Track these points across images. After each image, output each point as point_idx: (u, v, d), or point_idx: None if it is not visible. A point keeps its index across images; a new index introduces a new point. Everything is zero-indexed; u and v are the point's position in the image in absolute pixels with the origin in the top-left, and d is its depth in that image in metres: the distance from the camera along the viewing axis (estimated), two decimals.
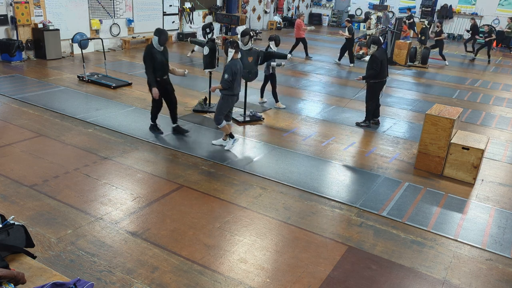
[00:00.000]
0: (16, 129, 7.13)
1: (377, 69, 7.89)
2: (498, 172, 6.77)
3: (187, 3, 17.20)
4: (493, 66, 16.53)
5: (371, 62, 7.98)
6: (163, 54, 6.83)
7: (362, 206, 5.43)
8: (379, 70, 7.92)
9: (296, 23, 14.79)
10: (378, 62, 7.86)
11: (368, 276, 4.15)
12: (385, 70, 8.13)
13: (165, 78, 6.98)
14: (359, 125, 8.37)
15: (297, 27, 14.70)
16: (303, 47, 15.13)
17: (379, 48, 8.00)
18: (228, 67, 6.42)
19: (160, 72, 6.83)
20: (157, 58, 6.70)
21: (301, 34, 14.74)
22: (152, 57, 6.68)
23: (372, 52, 8.00)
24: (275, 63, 9.06)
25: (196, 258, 4.22)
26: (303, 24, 14.76)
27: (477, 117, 9.66)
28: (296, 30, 14.78)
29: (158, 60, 6.72)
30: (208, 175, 5.99)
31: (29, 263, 3.05)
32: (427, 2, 23.29)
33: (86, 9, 13.31)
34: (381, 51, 8.05)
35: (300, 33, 14.73)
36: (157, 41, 6.69)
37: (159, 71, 6.81)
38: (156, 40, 6.69)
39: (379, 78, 8.07)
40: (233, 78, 6.44)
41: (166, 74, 6.97)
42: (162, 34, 6.71)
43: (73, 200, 5.08)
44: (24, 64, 11.54)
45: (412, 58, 15.18)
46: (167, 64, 6.98)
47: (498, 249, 4.72)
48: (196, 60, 13.57)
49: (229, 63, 6.48)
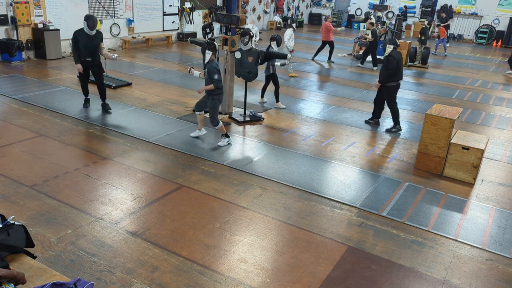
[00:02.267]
0: (16, 129, 7.13)
1: (392, 70, 7.80)
2: (498, 172, 6.77)
3: (187, 3, 17.21)
4: (493, 66, 16.53)
5: (387, 62, 7.88)
6: (91, 39, 7.57)
7: (362, 206, 5.43)
8: (395, 71, 7.84)
9: (324, 25, 14.46)
10: (394, 62, 7.78)
11: (368, 276, 4.15)
12: (401, 71, 8.02)
13: (88, 60, 7.68)
14: (390, 131, 8.21)
15: (326, 29, 14.34)
16: (329, 50, 14.71)
17: (395, 48, 7.95)
18: (213, 68, 6.57)
19: (83, 53, 7.64)
20: (81, 41, 7.53)
21: (329, 37, 14.43)
22: (76, 40, 7.58)
23: (388, 52, 7.92)
24: (279, 63, 9.06)
25: (196, 258, 4.22)
26: (332, 27, 14.46)
27: (477, 117, 9.66)
28: (325, 33, 14.41)
29: (83, 43, 7.53)
30: (208, 175, 5.99)
31: (29, 263, 3.05)
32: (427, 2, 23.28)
33: (86, 9, 13.31)
34: (397, 52, 7.97)
35: (328, 36, 14.40)
36: (86, 25, 7.48)
37: (82, 52, 7.63)
38: (85, 24, 7.48)
39: (396, 80, 7.98)
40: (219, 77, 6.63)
41: (90, 56, 7.67)
42: (89, 20, 7.48)
43: (73, 200, 5.08)
44: (24, 64, 11.54)
45: (412, 58, 15.18)
46: (94, 48, 7.66)
47: (498, 249, 4.72)
48: (196, 60, 13.57)
49: (211, 64, 6.60)
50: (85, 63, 7.70)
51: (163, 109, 8.61)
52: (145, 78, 10.82)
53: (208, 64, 6.63)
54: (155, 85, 10.37)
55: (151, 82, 10.65)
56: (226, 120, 8.30)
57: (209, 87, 6.65)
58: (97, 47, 7.69)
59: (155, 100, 9.17)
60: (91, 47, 7.60)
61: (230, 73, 8.43)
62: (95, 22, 7.50)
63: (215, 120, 6.81)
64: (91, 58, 7.70)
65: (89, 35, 7.52)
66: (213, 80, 6.56)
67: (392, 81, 7.96)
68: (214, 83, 6.59)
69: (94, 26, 7.49)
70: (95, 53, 7.71)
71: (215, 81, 6.57)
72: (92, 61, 7.73)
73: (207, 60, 6.62)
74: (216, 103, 6.79)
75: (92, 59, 7.72)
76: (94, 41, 7.61)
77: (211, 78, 6.58)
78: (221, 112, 8.56)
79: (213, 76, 6.55)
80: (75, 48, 7.61)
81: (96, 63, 7.83)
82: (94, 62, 7.77)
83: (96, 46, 7.65)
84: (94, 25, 7.48)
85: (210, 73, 6.57)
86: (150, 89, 9.97)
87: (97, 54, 7.78)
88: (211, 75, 6.57)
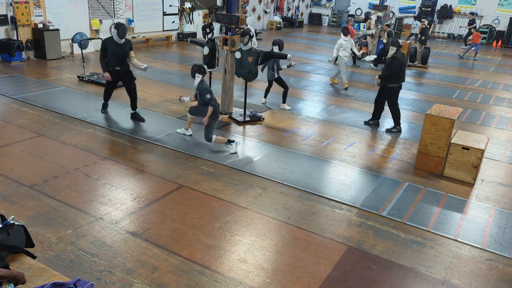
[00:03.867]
0: (16, 129, 7.13)
1: (395, 72, 7.79)
2: (498, 172, 6.77)
3: (187, 3, 17.21)
4: (493, 66, 16.53)
5: (390, 64, 7.86)
6: (120, 47, 7.31)
7: (362, 206, 5.43)
8: (398, 73, 7.83)
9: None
10: (398, 64, 7.76)
11: (368, 276, 4.15)
12: (404, 73, 8.01)
13: (117, 68, 7.42)
14: (390, 132, 8.21)
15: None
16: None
17: (398, 50, 7.93)
18: (204, 89, 6.61)
19: (112, 62, 7.38)
20: (110, 49, 7.28)
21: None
22: (105, 48, 7.32)
23: (391, 54, 7.89)
24: (284, 65, 9.06)
25: (196, 258, 4.22)
26: (353, 30, 14.36)
27: (477, 117, 9.66)
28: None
29: (111, 51, 7.28)
30: (208, 175, 5.99)
31: (29, 263, 3.05)
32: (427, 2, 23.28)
33: (86, 9, 13.31)
34: (400, 53, 7.94)
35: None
36: (116, 34, 7.22)
37: (111, 61, 7.37)
38: (115, 33, 7.23)
39: (398, 82, 7.96)
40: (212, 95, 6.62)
41: (119, 65, 7.42)
42: (120, 28, 7.21)
43: (73, 200, 5.08)
44: (24, 64, 11.54)
45: (412, 58, 15.18)
46: (123, 56, 7.40)
47: (498, 249, 4.72)
48: (196, 60, 13.58)
49: (202, 85, 6.64)
50: (114, 72, 7.44)
51: (163, 109, 8.61)
52: (145, 78, 10.82)
53: (199, 85, 6.67)
54: (155, 85, 10.38)
55: (151, 82, 10.65)
56: (226, 120, 8.30)
57: (209, 112, 6.52)
58: (126, 55, 7.43)
59: (155, 100, 9.17)
60: (120, 55, 7.36)
61: (230, 73, 8.43)
62: (125, 30, 7.27)
63: (209, 138, 6.71)
64: (120, 67, 7.43)
65: (118, 43, 7.29)
66: (206, 100, 6.54)
67: (394, 83, 7.96)
68: (208, 103, 6.53)
69: (124, 35, 7.25)
70: (124, 62, 7.46)
71: (208, 100, 6.54)
72: (121, 70, 7.47)
73: (197, 82, 6.66)
74: (212, 123, 6.69)
75: (121, 68, 7.45)
76: (123, 49, 7.36)
77: (203, 99, 6.58)
78: (221, 112, 8.56)
79: (205, 96, 6.55)
80: (103, 56, 7.35)
81: (126, 71, 7.56)
82: (123, 71, 7.51)
83: (125, 54, 7.40)
84: (124, 33, 7.25)
85: (202, 94, 6.60)
86: (150, 89, 9.97)
87: (126, 63, 7.52)
88: (203, 96, 6.58)
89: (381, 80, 8.07)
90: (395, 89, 8.03)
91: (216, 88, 9.62)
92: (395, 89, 8.03)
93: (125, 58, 7.45)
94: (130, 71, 7.64)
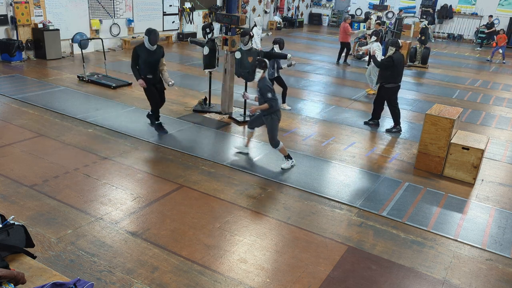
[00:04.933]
0: (16, 129, 7.13)
1: (386, 64, 7.83)
2: (498, 172, 6.77)
3: (187, 3, 17.21)
4: (493, 66, 16.53)
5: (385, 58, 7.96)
6: (152, 54, 6.88)
7: (362, 206, 5.43)
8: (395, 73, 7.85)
9: (342, 26, 14.42)
10: (390, 61, 7.79)
11: (368, 276, 4.15)
12: (401, 74, 8.02)
13: (149, 77, 6.97)
14: (390, 132, 8.22)
15: (344, 31, 14.31)
16: (345, 52, 14.74)
17: (397, 50, 7.93)
18: (266, 86, 6.14)
19: (143, 70, 6.92)
20: (141, 56, 6.84)
21: (347, 38, 14.43)
22: (136, 55, 6.87)
23: (389, 55, 7.91)
24: (285, 64, 9.06)
25: (196, 258, 4.22)
26: (350, 28, 14.42)
27: (477, 117, 9.66)
28: (342, 34, 14.39)
29: (143, 58, 6.84)
30: (208, 175, 5.99)
31: (29, 263, 3.05)
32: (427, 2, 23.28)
33: (86, 9, 13.31)
34: (399, 54, 7.95)
35: (346, 37, 14.40)
36: (148, 40, 6.79)
37: (143, 69, 6.92)
38: (147, 39, 6.80)
39: (395, 82, 7.98)
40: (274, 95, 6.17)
41: (151, 73, 6.98)
42: (152, 34, 6.77)
43: (73, 200, 5.08)
44: (24, 64, 11.54)
45: (412, 58, 15.19)
46: (156, 63, 6.98)
47: (498, 249, 4.72)
48: (196, 60, 13.58)
49: (263, 83, 6.20)
50: (146, 80, 6.96)
51: (163, 109, 8.59)
52: None
53: (260, 82, 6.22)
54: None
55: None
56: (226, 120, 8.30)
57: (263, 107, 6.18)
58: (158, 63, 7.02)
59: None
60: (152, 62, 6.93)
61: (230, 73, 8.44)
62: (157, 36, 6.84)
63: (275, 140, 6.30)
64: (152, 75, 6.98)
65: (150, 50, 6.85)
66: (267, 99, 6.09)
67: (391, 83, 7.97)
68: (268, 102, 6.11)
69: (156, 41, 6.83)
70: (156, 69, 7.03)
71: (269, 100, 6.09)
72: (153, 78, 7.02)
73: (258, 78, 6.24)
74: (275, 123, 6.28)
75: (153, 76, 7.01)
76: (155, 56, 6.94)
77: (264, 97, 6.13)
78: (221, 112, 8.57)
79: (267, 95, 6.09)
80: (135, 65, 6.91)
81: (158, 80, 7.16)
82: (155, 80, 7.08)
83: (157, 61, 6.99)
84: (156, 39, 6.82)
85: (263, 92, 6.13)
86: None
87: (158, 71, 7.10)
88: (264, 95, 6.12)
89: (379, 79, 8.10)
90: (393, 89, 8.04)
91: (216, 88, 9.63)
92: (393, 89, 8.05)
93: (157, 66, 7.04)
94: (161, 79, 7.25)
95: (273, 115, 6.24)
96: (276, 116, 6.26)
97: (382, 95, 8.20)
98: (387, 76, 7.93)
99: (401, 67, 7.93)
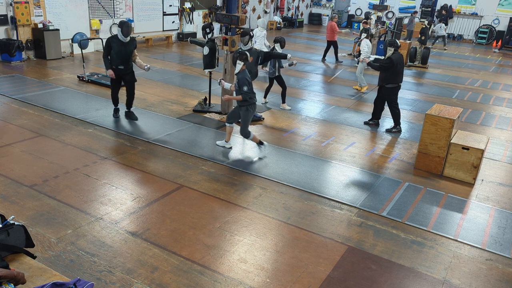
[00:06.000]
0: (16, 129, 7.13)
1: (386, 66, 7.83)
2: (498, 172, 6.77)
3: (187, 3, 17.21)
4: (493, 66, 16.53)
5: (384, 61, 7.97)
6: (124, 45, 7.28)
7: (362, 206, 5.43)
8: (395, 73, 7.85)
9: (329, 25, 14.49)
10: (389, 63, 7.78)
11: (368, 276, 4.15)
12: (401, 74, 8.01)
13: (120, 67, 7.37)
14: (390, 132, 8.21)
15: (331, 29, 14.38)
16: (334, 51, 14.82)
17: (396, 51, 7.92)
18: (243, 79, 6.31)
19: (115, 61, 7.32)
20: (114, 47, 7.24)
21: (333, 37, 14.48)
22: (109, 46, 7.29)
23: (388, 55, 7.90)
24: (286, 64, 9.05)
25: (196, 258, 4.22)
26: (337, 27, 14.46)
27: (477, 117, 9.66)
28: (329, 33, 14.45)
29: (116, 50, 7.24)
30: (208, 175, 5.99)
31: (29, 263, 3.05)
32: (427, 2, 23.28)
33: (86, 9, 13.31)
34: (398, 54, 7.94)
35: (333, 36, 14.45)
36: (121, 32, 7.18)
37: (114, 60, 7.32)
38: (119, 30, 7.19)
39: (395, 82, 7.97)
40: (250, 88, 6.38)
41: (123, 64, 7.37)
42: (124, 26, 7.17)
43: (73, 200, 5.08)
44: (24, 64, 11.54)
45: (412, 58, 15.19)
46: (128, 55, 7.36)
47: (498, 249, 4.72)
48: (196, 60, 13.58)
49: (242, 75, 6.35)
50: (117, 71, 7.40)
51: (163, 109, 8.61)
52: (145, 78, 10.82)
53: (239, 74, 6.40)
54: (155, 85, 10.38)
55: (151, 82, 10.65)
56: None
57: (237, 98, 6.42)
58: (131, 54, 7.41)
59: (155, 100, 9.17)
60: (124, 54, 7.31)
61: (230, 73, 8.43)
62: (129, 28, 7.25)
63: (246, 131, 6.55)
64: (124, 66, 7.38)
65: (122, 41, 7.25)
66: (242, 92, 6.32)
67: (391, 83, 7.96)
68: (242, 95, 6.35)
69: (128, 33, 7.23)
70: (128, 61, 7.42)
71: (244, 94, 6.33)
72: (125, 69, 7.43)
73: (238, 70, 6.40)
74: (250, 114, 6.54)
75: (125, 67, 7.41)
76: (127, 48, 7.33)
77: (240, 89, 6.34)
78: (221, 112, 8.57)
79: (243, 88, 6.30)
80: (107, 54, 7.32)
81: (129, 71, 7.54)
82: (126, 71, 7.48)
83: (129, 53, 7.38)
84: (128, 31, 7.22)
85: (240, 84, 6.33)
86: (150, 89, 9.97)
87: (130, 62, 7.50)
88: (241, 87, 6.33)
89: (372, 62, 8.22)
90: (394, 89, 8.03)
91: (216, 88, 9.63)
92: (394, 90, 8.04)
93: (129, 57, 7.40)
94: (133, 71, 7.61)
95: (249, 107, 6.51)
96: (252, 109, 6.55)
97: (383, 95, 8.20)
98: (388, 76, 7.93)
99: (401, 67, 7.93)
